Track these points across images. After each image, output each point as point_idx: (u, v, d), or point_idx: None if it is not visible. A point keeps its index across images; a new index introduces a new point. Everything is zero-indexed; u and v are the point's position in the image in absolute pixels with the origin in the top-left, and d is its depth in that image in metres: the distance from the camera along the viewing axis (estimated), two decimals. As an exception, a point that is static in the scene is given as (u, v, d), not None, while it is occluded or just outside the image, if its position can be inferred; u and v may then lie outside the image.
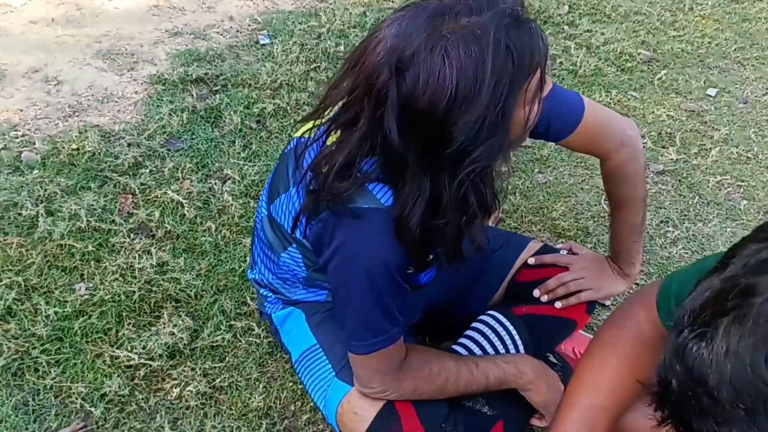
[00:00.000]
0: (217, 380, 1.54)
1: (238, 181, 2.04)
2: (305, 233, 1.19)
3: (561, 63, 2.75)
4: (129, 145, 2.11)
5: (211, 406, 1.50)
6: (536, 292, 1.54)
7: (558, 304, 1.53)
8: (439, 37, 0.93)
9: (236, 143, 2.17)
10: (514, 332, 1.49)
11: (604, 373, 1.06)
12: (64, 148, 2.05)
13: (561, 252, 1.61)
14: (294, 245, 1.27)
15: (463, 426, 1.29)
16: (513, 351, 1.47)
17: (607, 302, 1.82)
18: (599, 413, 1.04)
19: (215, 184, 2.03)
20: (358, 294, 1.13)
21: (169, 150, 2.12)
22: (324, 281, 1.31)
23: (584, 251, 1.62)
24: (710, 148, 2.39)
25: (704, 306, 0.57)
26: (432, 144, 0.97)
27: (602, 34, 2.95)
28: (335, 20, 2.79)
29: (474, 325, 1.53)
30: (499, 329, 1.50)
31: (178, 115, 2.22)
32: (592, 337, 1.67)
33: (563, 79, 2.68)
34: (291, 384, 1.56)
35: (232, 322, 1.66)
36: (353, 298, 1.14)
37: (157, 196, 1.95)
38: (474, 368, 1.30)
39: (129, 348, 1.57)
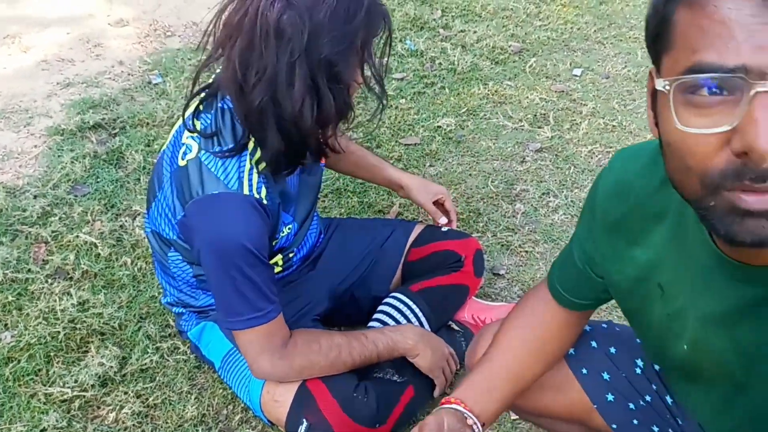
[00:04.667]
0: (150, 399, 1.64)
1: (148, 215, 2.14)
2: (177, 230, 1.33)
3: (440, 63, 2.96)
4: (35, 196, 2.18)
5: (147, 424, 1.60)
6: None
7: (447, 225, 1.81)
8: None
9: (141, 180, 2.27)
10: (415, 308, 1.66)
11: (505, 344, 1.13)
12: (-30, 208, 2.10)
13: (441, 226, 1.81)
14: (172, 248, 1.40)
15: (374, 393, 1.44)
16: (417, 324, 1.63)
17: (502, 271, 2.01)
18: (496, 376, 1.10)
19: (126, 221, 2.12)
20: (225, 273, 1.25)
21: (76, 196, 2.20)
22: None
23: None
24: (580, 122, 2.64)
25: None
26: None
27: (475, 32, 3.19)
28: (223, 52, 2.91)
29: (380, 308, 1.69)
30: (402, 308, 1.66)
31: (80, 162, 2.31)
32: (487, 303, 1.86)
33: (444, 77, 2.89)
34: (221, 391, 1.67)
35: (159, 345, 1.76)
36: (222, 277, 1.26)
37: (69, 241, 2.03)
38: (364, 339, 1.45)
39: (61, 384, 1.65)
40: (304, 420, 1.38)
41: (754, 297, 0.73)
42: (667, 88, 0.61)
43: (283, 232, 1.42)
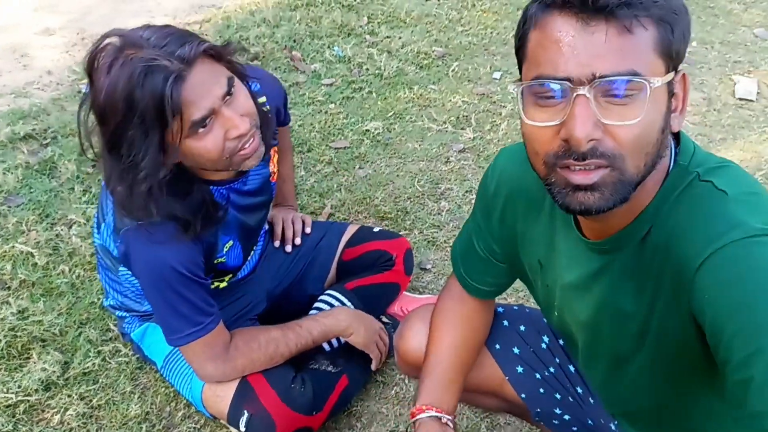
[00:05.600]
0: (94, 400, 1.70)
1: (84, 224, 2.18)
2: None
3: (367, 69, 3.08)
4: (-32, 208, 2.19)
5: (92, 424, 1.66)
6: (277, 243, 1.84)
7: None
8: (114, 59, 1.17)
9: (76, 189, 2.31)
10: (349, 305, 1.77)
11: (443, 342, 1.28)
12: None
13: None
14: (122, 264, 1.48)
15: (310, 383, 1.54)
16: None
17: (429, 266, 2.15)
18: (449, 371, 1.25)
19: (62, 230, 2.16)
20: (161, 295, 1.35)
21: (9, 207, 2.22)
22: None
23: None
24: (500, 124, 2.80)
25: None
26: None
27: (400, 38, 3.32)
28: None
29: (315, 305, 1.79)
30: (336, 304, 1.77)
31: (12, 173, 2.33)
32: (414, 295, 1.99)
33: (371, 83, 3.01)
34: (163, 389, 1.75)
35: (100, 348, 1.82)
36: (158, 299, 1.36)
37: (5, 251, 2.06)
38: (298, 329, 1.56)
39: (5, 390, 1.70)
40: (245, 411, 1.48)
41: (602, 263, 0.94)
42: (516, 91, 0.82)
43: (225, 249, 1.50)
